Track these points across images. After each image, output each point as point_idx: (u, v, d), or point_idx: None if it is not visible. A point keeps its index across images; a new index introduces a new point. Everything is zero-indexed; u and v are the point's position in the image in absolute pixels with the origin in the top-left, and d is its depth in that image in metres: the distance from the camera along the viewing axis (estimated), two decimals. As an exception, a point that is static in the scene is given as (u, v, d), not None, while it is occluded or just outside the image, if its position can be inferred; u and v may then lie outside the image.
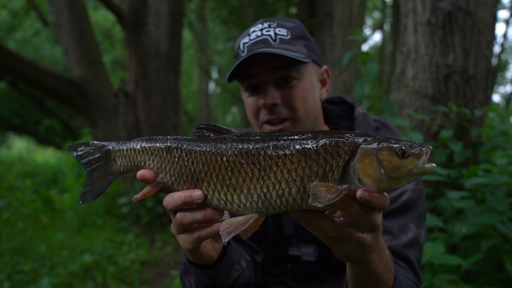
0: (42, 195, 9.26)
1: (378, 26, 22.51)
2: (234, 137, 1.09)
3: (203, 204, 1.09)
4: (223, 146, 1.07)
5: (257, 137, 1.06)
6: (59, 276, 5.24)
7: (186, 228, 1.14)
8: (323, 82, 1.79)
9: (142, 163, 1.18)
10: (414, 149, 0.96)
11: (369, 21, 24.50)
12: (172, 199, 1.10)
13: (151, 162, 1.17)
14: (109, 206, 8.29)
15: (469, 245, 2.97)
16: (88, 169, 1.24)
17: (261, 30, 1.63)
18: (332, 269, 1.76)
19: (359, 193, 0.94)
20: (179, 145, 1.13)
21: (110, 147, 1.24)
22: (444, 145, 3.51)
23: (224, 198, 1.06)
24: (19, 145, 29.34)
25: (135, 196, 1.15)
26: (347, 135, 1.01)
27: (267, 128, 1.66)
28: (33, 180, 11.10)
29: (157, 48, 8.01)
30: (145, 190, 1.15)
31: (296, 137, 1.03)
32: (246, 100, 1.70)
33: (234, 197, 1.05)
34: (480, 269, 2.79)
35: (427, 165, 0.97)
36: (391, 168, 0.96)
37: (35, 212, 8.04)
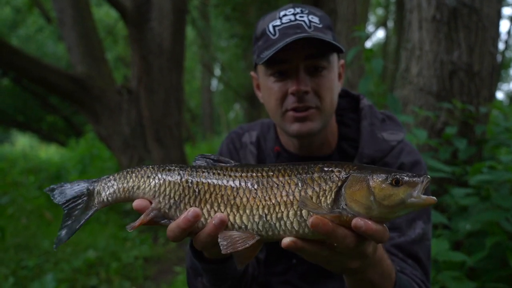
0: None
1: (381, 23, 22.46)
2: (237, 164, 1.14)
3: (200, 229, 1.06)
4: (228, 170, 1.10)
5: (258, 165, 1.12)
6: (63, 272, 5.26)
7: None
8: (339, 76, 1.77)
9: (135, 188, 1.13)
10: (408, 178, 0.97)
11: (372, 18, 24.46)
12: (174, 232, 1.06)
13: (146, 186, 1.12)
14: (112, 202, 8.30)
15: (473, 242, 2.97)
16: (66, 209, 1.16)
17: (294, 15, 1.59)
18: (337, 264, 1.76)
19: (354, 221, 0.94)
20: (181, 167, 1.12)
21: (96, 184, 1.17)
22: (449, 142, 3.50)
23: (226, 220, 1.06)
24: (22, 141, 29.43)
25: (131, 225, 1.09)
26: (344, 163, 1.04)
27: (291, 114, 1.61)
28: (36, 176, 11.14)
29: (160, 45, 8.01)
30: (142, 218, 1.09)
31: (295, 165, 1.08)
32: (271, 86, 1.64)
33: (237, 217, 1.05)
34: (484, 266, 2.79)
35: (426, 196, 0.96)
36: (382, 196, 0.96)
37: (39, 208, 8.07)
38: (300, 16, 1.59)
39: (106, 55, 8.99)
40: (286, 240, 1.00)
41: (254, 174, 1.07)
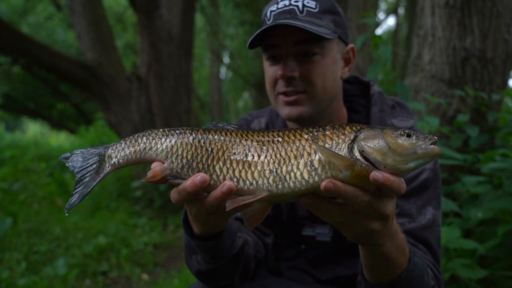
0: (56, 178, 9.37)
1: (392, 10, 22.18)
2: (246, 129, 1.16)
3: (212, 188, 1.07)
4: (241, 131, 1.13)
5: (270, 130, 1.14)
6: (75, 257, 5.33)
7: (210, 213, 1.14)
8: (347, 61, 1.76)
9: (147, 149, 1.14)
10: (419, 133, 1.02)
11: (382, 5, 24.15)
12: (179, 194, 1.07)
13: (159, 146, 1.13)
14: (122, 189, 8.38)
15: (484, 230, 2.95)
16: (78, 175, 1.19)
17: None
18: (347, 250, 1.76)
19: (372, 174, 0.95)
20: (193, 129, 1.14)
21: (107, 149, 1.18)
22: (460, 130, 3.47)
23: (238, 176, 1.07)
24: (33, 129, 29.67)
25: (141, 180, 1.12)
26: (354, 123, 1.08)
27: (282, 99, 1.65)
28: (47, 163, 11.23)
29: (170, 32, 7.98)
30: (154, 171, 1.10)
31: (302, 127, 1.11)
32: (267, 69, 1.70)
33: (248, 174, 1.06)
34: (495, 254, 2.77)
35: (433, 146, 1.01)
36: (396, 145, 1.00)
37: (50, 194, 8.16)
38: (295, 1, 1.59)
39: (115, 43, 8.97)
40: (305, 200, 1.03)
41: (266, 135, 1.10)
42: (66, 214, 1.18)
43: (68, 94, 17.34)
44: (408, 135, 1.00)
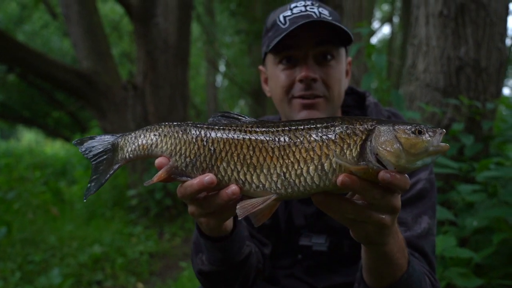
0: (51, 186, 9.33)
1: (387, 19, 22.35)
2: (253, 121, 1.11)
3: (218, 187, 1.07)
4: (244, 127, 1.09)
5: (275, 122, 1.09)
6: (69, 267, 5.29)
7: (209, 212, 1.15)
8: (346, 72, 1.80)
9: (153, 146, 1.14)
10: (428, 128, 1.01)
11: (378, 14, 24.33)
12: (185, 189, 1.07)
13: (163, 144, 1.13)
14: (117, 198, 8.34)
15: (479, 239, 2.96)
16: (93, 162, 1.20)
17: (305, 6, 1.64)
18: (343, 259, 1.76)
19: (381, 174, 0.96)
20: (197, 126, 1.12)
21: (119, 139, 1.20)
22: (455, 138, 3.49)
23: (243, 178, 1.05)
24: (28, 137, 29.56)
25: (148, 181, 1.11)
26: (363, 117, 1.05)
27: (299, 102, 1.64)
28: (42, 171, 11.17)
29: (166, 40, 8.00)
30: (159, 174, 1.10)
31: (312, 120, 1.06)
32: (279, 74, 1.68)
33: (254, 177, 1.05)
34: (491, 263, 2.78)
35: (443, 144, 1.01)
36: (409, 145, 0.99)
37: (45, 203, 8.11)
38: (311, 8, 1.63)
39: (111, 51, 8.98)
40: (316, 198, 1.02)
41: (271, 132, 1.06)
42: (85, 201, 1.20)
43: (64, 102, 17.28)
44: (420, 132, 1.00)
